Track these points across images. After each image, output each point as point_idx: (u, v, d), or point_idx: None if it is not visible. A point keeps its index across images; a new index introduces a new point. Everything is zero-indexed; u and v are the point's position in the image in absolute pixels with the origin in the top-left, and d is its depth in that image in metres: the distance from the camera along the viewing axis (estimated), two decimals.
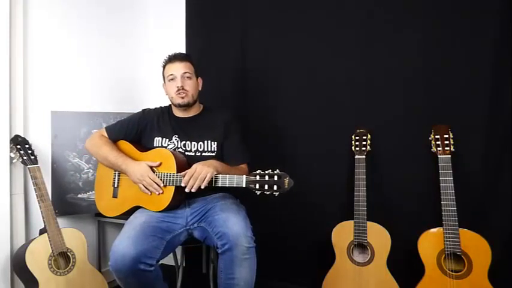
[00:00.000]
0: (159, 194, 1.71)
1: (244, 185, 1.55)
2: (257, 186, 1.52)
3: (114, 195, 1.87)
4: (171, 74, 1.87)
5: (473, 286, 1.71)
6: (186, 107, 1.89)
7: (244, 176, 1.56)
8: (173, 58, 1.90)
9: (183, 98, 1.85)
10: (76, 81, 2.27)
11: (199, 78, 1.95)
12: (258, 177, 1.53)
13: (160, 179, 1.71)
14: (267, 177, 1.52)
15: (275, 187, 1.50)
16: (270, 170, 1.53)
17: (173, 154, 1.75)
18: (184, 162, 1.78)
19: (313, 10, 2.25)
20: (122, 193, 1.86)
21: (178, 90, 1.84)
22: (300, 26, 2.28)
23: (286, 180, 1.50)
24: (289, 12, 2.30)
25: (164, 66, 1.94)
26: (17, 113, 1.94)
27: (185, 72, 1.86)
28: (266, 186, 1.51)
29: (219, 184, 1.61)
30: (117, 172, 1.87)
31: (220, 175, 1.63)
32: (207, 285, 2.12)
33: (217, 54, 2.47)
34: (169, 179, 1.70)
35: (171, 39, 2.68)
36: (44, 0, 2.09)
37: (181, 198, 1.76)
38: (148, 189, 1.72)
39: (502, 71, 1.88)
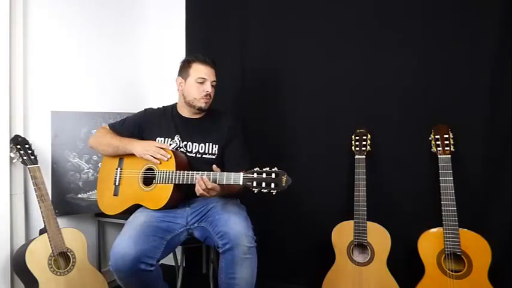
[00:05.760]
0: (168, 159, 1.72)
1: (241, 182, 1.51)
2: (254, 183, 1.48)
3: (115, 194, 1.87)
4: (203, 78, 1.83)
5: (473, 286, 1.71)
6: (203, 111, 1.91)
7: (242, 173, 1.53)
8: (207, 62, 1.85)
9: (206, 103, 1.86)
10: (76, 81, 2.27)
11: None
12: (255, 175, 1.49)
13: (160, 177, 1.72)
14: (264, 175, 1.48)
15: (272, 185, 1.46)
16: (267, 168, 1.49)
17: (174, 152, 1.76)
18: (185, 162, 1.78)
19: (313, 11, 2.25)
20: (123, 191, 1.85)
21: (206, 95, 1.83)
22: (300, 26, 2.28)
23: (284, 178, 1.46)
24: (290, 13, 2.30)
25: (191, 64, 1.85)
26: (17, 113, 1.94)
27: (214, 81, 1.87)
28: (263, 184, 1.47)
29: (216, 182, 1.60)
30: (118, 170, 1.87)
31: (217, 172, 1.61)
32: (207, 285, 2.12)
33: (217, 54, 2.46)
34: (168, 177, 1.70)
35: (171, 39, 2.69)
36: (44, 0, 2.09)
37: (180, 196, 1.76)
38: (156, 158, 1.73)
39: (502, 71, 1.88)
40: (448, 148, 1.84)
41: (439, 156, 1.84)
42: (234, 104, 2.42)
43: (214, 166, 1.63)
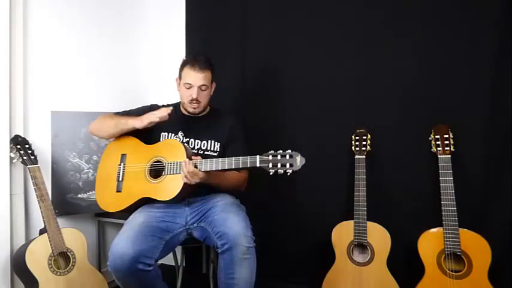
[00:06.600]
0: (169, 114, 1.75)
1: (258, 165, 1.54)
2: (270, 165, 1.53)
3: (119, 190, 1.83)
4: (189, 84, 1.83)
5: (473, 286, 1.71)
6: (195, 115, 1.91)
7: (258, 156, 1.56)
8: (195, 64, 1.82)
9: (194, 108, 1.87)
10: (76, 81, 2.28)
11: (213, 82, 1.93)
12: (271, 157, 1.54)
13: (170, 167, 1.72)
14: (279, 156, 1.53)
15: (288, 165, 1.51)
16: (281, 150, 1.55)
17: (182, 143, 1.76)
18: (191, 154, 1.79)
19: (313, 11, 2.25)
20: (127, 186, 1.82)
21: (192, 100, 1.84)
22: (300, 26, 2.28)
23: (298, 158, 1.51)
24: (290, 13, 2.30)
25: (183, 66, 1.87)
26: (17, 113, 1.94)
27: (202, 85, 1.84)
28: (279, 165, 1.52)
29: (233, 166, 1.60)
30: (122, 165, 1.85)
31: (233, 157, 1.61)
32: (207, 285, 2.12)
33: (217, 54, 2.46)
34: (179, 167, 1.69)
35: (171, 39, 2.69)
36: (44, 0, 2.09)
37: (192, 187, 1.73)
38: (158, 116, 1.75)
39: (502, 71, 1.88)
40: (448, 148, 1.84)
41: (439, 156, 1.84)
42: (234, 104, 2.41)
43: (193, 156, 1.69)
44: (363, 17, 2.13)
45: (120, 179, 1.84)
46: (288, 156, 1.53)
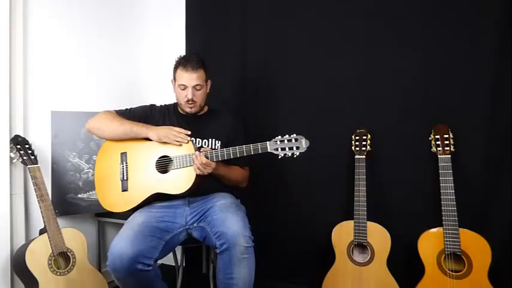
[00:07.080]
0: (188, 142, 1.75)
1: (269, 150, 1.67)
2: (279, 149, 1.66)
3: (124, 189, 1.81)
4: (183, 85, 1.83)
5: (473, 286, 1.71)
6: (194, 114, 1.91)
7: (268, 142, 1.67)
8: (187, 65, 1.81)
9: (191, 108, 1.87)
10: (76, 81, 2.28)
11: (208, 81, 1.93)
12: (278, 142, 1.67)
13: (179, 161, 1.74)
14: (286, 141, 1.67)
15: (295, 148, 1.65)
16: (287, 135, 1.67)
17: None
18: (197, 147, 1.80)
19: (313, 10, 2.25)
20: (134, 184, 1.80)
21: (188, 101, 1.84)
22: (300, 26, 2.28)
23: (303, 141, 1.66)
24: (290, 13, 2.30)
25: (176, 68, 1.86)
26: (17, 113, 1.94)
27: (197, 85, 1.83)
28: (287, 148, 1.66)
29: (244, 154, 1.69)
30: (124, 164, 1.83)
31: (243, 145, 1.69)
32: (207, 285, 2.12)
33: (217, 54, 2.47)
34: (189, 160, 1.71)
35: (171, 39, 2.69)
36: (44, 0, 2.09)
37: (203, 178, 1.74)
38: (177, 140, 1.74)
39: (502, 71, 1.88)
40: (448, 148, 1.84)
41: (439, 156, 1.84)
42: (234, 104, 2.41)
43: (202, 148, 1.75)
44: (363, 16, 2.13)
45: (125, 178, 1.82)
46: (293, 140, 1.66)
